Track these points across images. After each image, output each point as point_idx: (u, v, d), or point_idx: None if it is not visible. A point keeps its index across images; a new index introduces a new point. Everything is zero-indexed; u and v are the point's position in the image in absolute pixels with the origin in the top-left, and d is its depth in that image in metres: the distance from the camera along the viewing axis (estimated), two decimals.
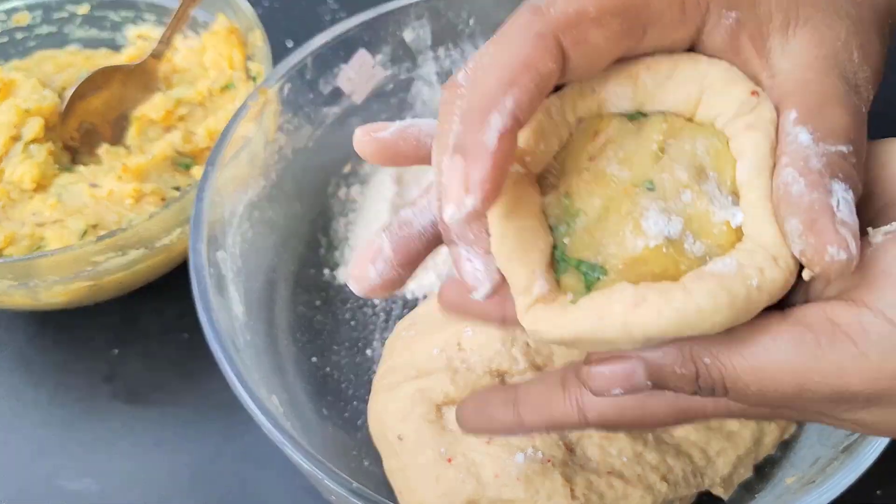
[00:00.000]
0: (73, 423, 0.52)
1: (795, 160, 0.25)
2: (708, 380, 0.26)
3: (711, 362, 0.26)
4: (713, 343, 0.26)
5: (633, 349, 0.27)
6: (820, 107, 0.27)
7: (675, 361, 0.26)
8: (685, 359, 0.26)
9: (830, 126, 0.26)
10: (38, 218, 0.53)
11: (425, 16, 0.57)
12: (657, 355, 0.27)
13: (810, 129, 0.26)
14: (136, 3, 0.65)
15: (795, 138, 0.26)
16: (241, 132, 0.49)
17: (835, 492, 0.38)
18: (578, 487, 0.40)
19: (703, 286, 0.25)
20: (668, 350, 0.27)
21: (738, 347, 0.26)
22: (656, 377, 0.27)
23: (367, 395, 0.50)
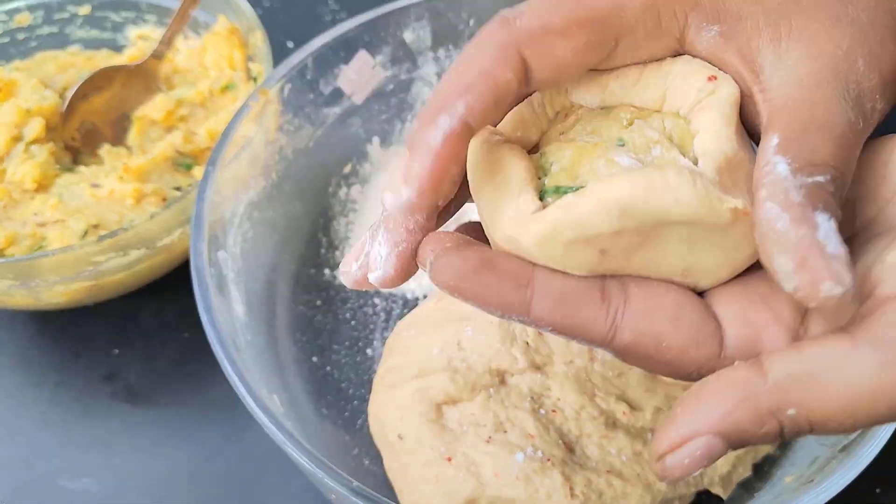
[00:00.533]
0: (73, 422, 0.52)
1: (774, 193, 0.25)
2: (794, 428, 0.25)
3: (797, 413, 0.24)
4: (790, 393, 0.24)
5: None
6: (802, 132, 0.26)
7: (755, 424, 0.25)
8: (762, 419, 0.25)
9: (810, 156, 0.26)
10: (40, 218, 0.53)
11: (425, 17, 0.57)
12: (729, 423, 0.25)
13: (789, 159, 0.25)
14: (138, 4, 0.66)
15: (773, 168, 0.25)
16: (241, 132, 0.49)
17: (833, 491, 0.38)
18: (578, 486, 0.40)
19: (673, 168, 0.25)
20: (741, 414, 0.25)
21: (820, 389, 0.24)
22: (737, 444, 0.25)
23: (367, 395, 0.50)
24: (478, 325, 0.46)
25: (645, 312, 0.27)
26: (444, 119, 0.25)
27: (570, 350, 0.45)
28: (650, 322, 0.27)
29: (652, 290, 0.28)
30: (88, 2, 0.65)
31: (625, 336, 0.27)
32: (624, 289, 0.28)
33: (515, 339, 0.45)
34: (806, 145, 0.26)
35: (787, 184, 0.25)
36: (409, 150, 0.26)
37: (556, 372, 0.44)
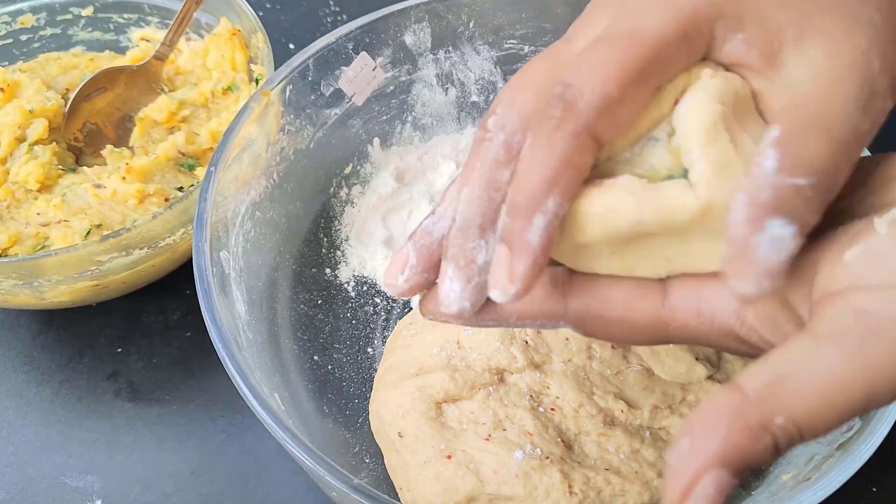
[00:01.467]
0: (76, 420, 0.52)
1: (750, 188, 0.26)
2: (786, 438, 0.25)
3: (784, 422, 0.25)
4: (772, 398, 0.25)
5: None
6: (802, 132, 0.27)
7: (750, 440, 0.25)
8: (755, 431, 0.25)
9: (800, 157, 0.26)
10: (43, 218, 0.54)
11: (425, 19, 0.57)
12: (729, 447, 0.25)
13: (780, 155, 0.26)
14: (140, 6, 0.66)
15: (763, 161, 0.26)
16: (243, 133, 0.50)
17: (830, 489, 0.38)
18: (576, 483, 0.41)
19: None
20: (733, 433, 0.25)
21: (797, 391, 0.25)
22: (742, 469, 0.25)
23: (368, 393, 0.50)
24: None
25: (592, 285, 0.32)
26: (538, 219, 0.28)
27: (569, 349, 0.45)
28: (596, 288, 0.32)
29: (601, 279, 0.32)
30: (91, 3, 0.66)
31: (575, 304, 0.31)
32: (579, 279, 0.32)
33: (514, 338, 0.46)
34: (801, 143, 0.27)
35: (763, 181, 0.26)
36: (509, 248, 0.28)
37: (555, 370, 0.45)
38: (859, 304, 0.25)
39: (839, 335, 0.25)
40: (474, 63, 0.61)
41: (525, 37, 0.59)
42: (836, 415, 0.25)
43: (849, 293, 0.26)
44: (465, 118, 0.63)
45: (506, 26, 0.59)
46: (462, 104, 0.62)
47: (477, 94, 0.62)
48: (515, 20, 0.59)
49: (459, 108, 0.62)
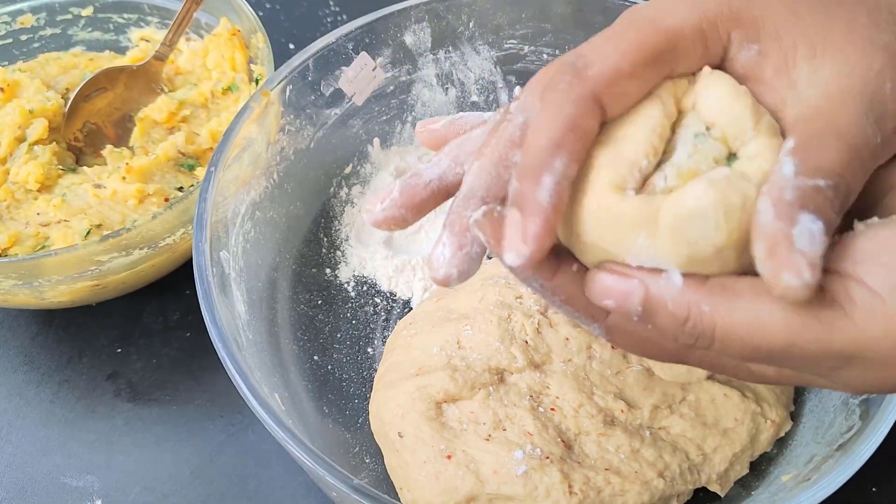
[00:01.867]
0: (75, 420, 0.52)
1: (773, 190, 0.27)
2: (698, 327, 0.28)
3: (709, 310, 0.28)
4: (713, 294, 0.28)
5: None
6: (817, 139, 0.28)
7: (672, 300, 0.28)
8: (681, 302, 0.28)
9: (817, 162, 0.27)
10: (43, 218, 0.54)
11: (425, 19, 0.57)
12: (659, 287, 0.28)
13: (798, 160, 0.27)
14: (140, 6, 0.66)
15: (781, 168, 0.27)
16: (243, 133, 0.50)
17: (830, 489, 0.38)
18: (576, 483, 0.41)
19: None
20: (671, 286, 0.28)
21: (737, 301, 0.27)
22: (648, 308, 0.28)
23: (368, 393, 0.50)
24: (477, 324, 0.46)
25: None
26: (547, 179, 0.28)
27: (569, 349, 0.45)
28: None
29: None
30: (91, 3, 0.66)
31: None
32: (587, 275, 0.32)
33: (514, 338, 0.46)
34: (817, 150, 0.28)
35: (785, 183, 0.27)
36: (520, 209, 0.28)
37: (555, 370, 0.45)
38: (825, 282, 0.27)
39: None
40: (474, 63, 0.61)
41: (525, 37, 0.59)
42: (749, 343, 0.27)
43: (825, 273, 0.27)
44: None
45: (506, 26, 0.59)
46: (462, 104, 0.62)
47: (477, 94, 0.62)
48: (515, 20, 0.59)
49: (459, 108, 0.62)
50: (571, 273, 0.31)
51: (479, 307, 0.48)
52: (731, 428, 0.44)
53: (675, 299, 0.28)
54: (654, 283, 0.28)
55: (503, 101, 0.63)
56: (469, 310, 0.48)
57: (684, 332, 0.28)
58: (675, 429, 0.44)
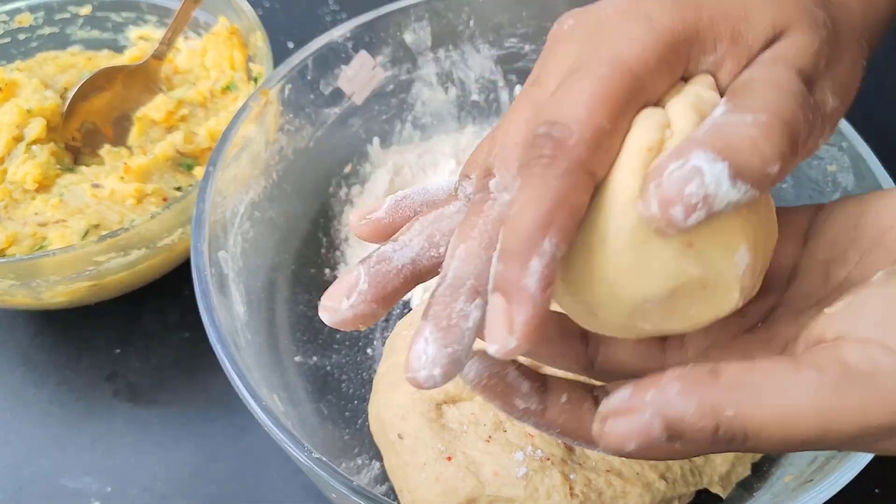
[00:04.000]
0: (73, 421, 0.52)
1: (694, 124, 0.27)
2: (729, 432, 0.26)
3: (735, 414, 0.25)
4: (732, 393, 0.26)
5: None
6: (746, 85, 0.27)
7: (695, 415, 0.26)
8: (704, 412, 0.26)
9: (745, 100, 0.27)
10: (41, 218, 0.54)
11: (425, 17, 0.57)
12: (675, 407, 0.26)
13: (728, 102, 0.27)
14: (138, 5, 0.66)
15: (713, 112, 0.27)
16: (242, 133, 0.49)
17: (832, 490, 0.38)
18: (577, 485, 0.40)
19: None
20: (688, 401, 0.26)
21: (759, 396, 0.26)
22: (674, 431, 0.26)
23: (367, 394, 0.50)
24: None
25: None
26: (535, 263, 0.25)
27: None
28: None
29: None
30: (89, 2, 0.66)
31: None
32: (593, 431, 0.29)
33: None
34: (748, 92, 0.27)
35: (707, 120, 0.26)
36: (505, 296, 0.25)
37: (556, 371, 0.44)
38: (845, 355, 0.26)
39: (819, 372, 0.25)
40: (475, 62, 0.60)
41: (525, 35, 0.59)
42: (783, 437, 0.26)
43: (838, 342, 0.26)
44: (465, 117, 0.63)
45: (506, 25, 0.59)
46: (462, 103, 0.62)
47: (477, 93, 0.62)
48: (516, 18, 0.59)
49: (459, 107, 0.62)
50: (561, 405, 0.29)
51: None
52: None
53: (697, 413, 0.25)
54: (668, 404, 0.26)
55: (504, 101, 0.62)
56: None
57: (717, 438, 0.26)
58: None
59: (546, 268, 0.25)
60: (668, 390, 0.26)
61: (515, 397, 0.29)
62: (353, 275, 0.29)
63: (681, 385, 0.26)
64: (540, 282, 0.25)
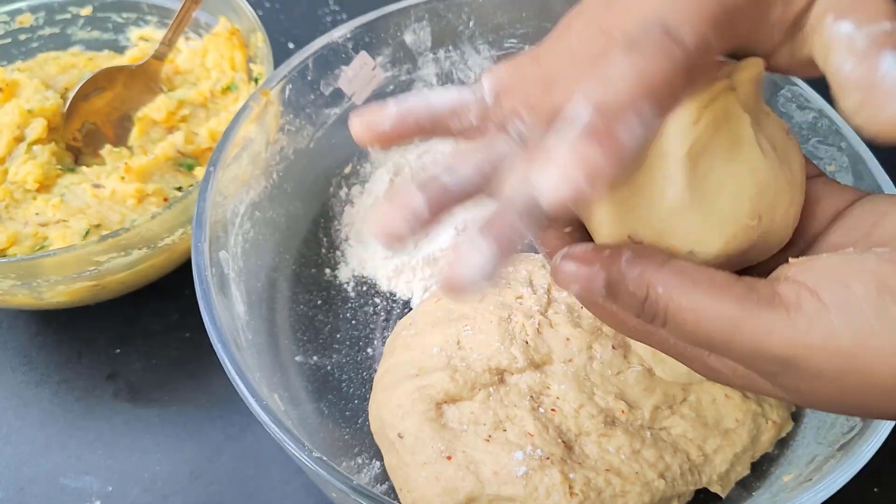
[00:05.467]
0: (74, 421, 0.52)
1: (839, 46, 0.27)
2: (654, 306, 0.29)
3: (663, 292, 0.29)
4: (670, 276, 0.29)
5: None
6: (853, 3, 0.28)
7: (632, 281, 0.29)
8: (640, 282, 0.29)
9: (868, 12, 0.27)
10: (42, 218, 0.54)
11: (425, 18, 0.57)
12: (618, 271, 0.29)
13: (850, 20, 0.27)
14: (139, 5, 0.66)
15: (837, 30, 0.27)
16: (242, 133, 0.49)
17: (831, 490, 0.38)
18: (577, 484, 0.40)
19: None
20: (631, 269, 0.29)
21: (689, 287, 0.28)
22: (611, 290, 0.29)
23: (367, 394, 0.50)
24: (477, 325, 0.46)
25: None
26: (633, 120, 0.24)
27: (569, 349, 0.45)
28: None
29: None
30: (90, 3, 0.66)
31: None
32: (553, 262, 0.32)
33: (515, 338, 0.45)
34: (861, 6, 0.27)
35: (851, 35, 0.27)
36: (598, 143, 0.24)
37: (555, 371, 0.45)
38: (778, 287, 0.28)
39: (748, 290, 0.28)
40: (474, 62, 0.60)
41: (525, 36, 0.59)
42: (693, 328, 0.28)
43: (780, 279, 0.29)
44: None
45: (506, 25, 0.59)
46: None
47: None
48: (516, 19, 0.59)
49: None
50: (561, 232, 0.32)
51: (479, 307, 0.47)
52: (732, 429, 0.44)
53: (635, 280, 0.29)
54: (615, 266, 0.29)
55: None
56: (469, 310, 0.48)
57: (644, 310, 0.29)
58: (676, 429, 0.44)
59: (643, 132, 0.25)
60: (621, 255, 0.29)
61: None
62: (407, 197, 0.30)
63: (632, 255, 0.29)
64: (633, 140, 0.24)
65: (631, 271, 0.29)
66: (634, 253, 0.29)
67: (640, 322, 0.31)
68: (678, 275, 0.29)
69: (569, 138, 0.24)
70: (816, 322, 0.27)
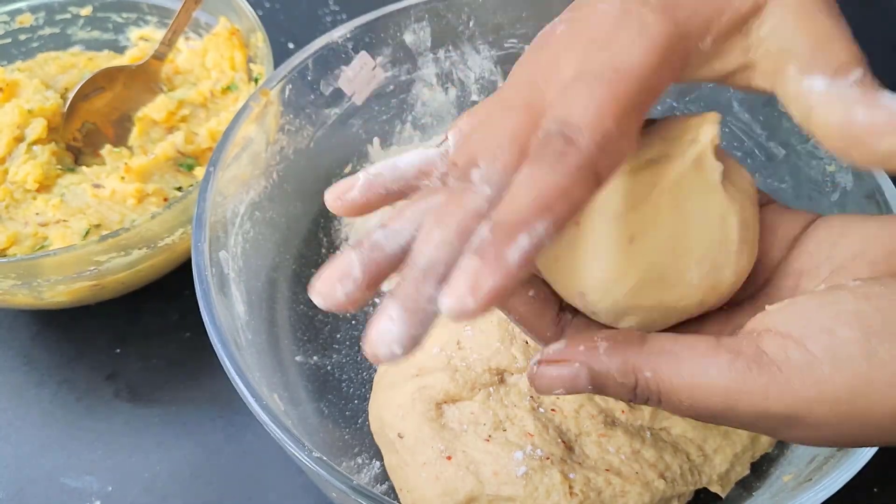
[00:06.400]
0: (74, 421, 0.52)
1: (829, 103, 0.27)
2: (645, 391, 0.29)
3: (652, 376, 0.29)
4: (654, 358, 0.29)
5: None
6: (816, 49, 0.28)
7: (618, 372, 0.29)
8: (626, 370, 0.29)
9: (831, 60, 0.27)
10: (42, 218, 0.54)
11: (425, 18, 0.57)
12: (601, 363, 0.29)
13: (819, 75, 0.27)
14: (139, 5, 0.66)
15: (811, 89, 0.27)
16: (242, 133, 0.49)
17: (831, 490, 0.38)
18: (577, 484, 0.41)
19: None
20: (612, 360, 0.29)
21: (677, 365, 0.28)
22: (597, 384, 0.29)
23: (367, 394, 0.50)
24: (477, 325, 0.46)
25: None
26: (523, 239, 0.25)
27: None
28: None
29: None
30: (90, 3, 0.66)
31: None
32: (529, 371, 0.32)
33: (515, 339, 0.45)
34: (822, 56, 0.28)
35: (829, 91, 0.27)
36: (482, 260, 0.25)
37: None
38: (763, 344, 0.28)
39: (734, 355, 0.28)
40: (474, 62, 0.60)
41: (525, 36, 0.59)
42: (691, 405, 0.28)
43: (762, 333, 0.29)
44: None
45: (506, 25, 0.59)
46: (462, 104, 0.62)
47: (477, 94, 0.62)
48: (516, 19, 0.59)
49: (459, 108, 0.62)
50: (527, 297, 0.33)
51: None
52: (731, 429, 0.44)
53: (620, 370, 0.29)
54: (595, 359, 0.29)
55: None
56: None
57: (636, 395, 0.29)
58: (676, 429, 0.44)
59: (532, 247, 0.25)
60: (598, 347, 0.29)
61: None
62: (345, 260, 0.29)
63: (609, 345, 0.29)
64: (521, 258, 0.25)
65: (612, 362, 0.29)
66: (608, 339, 0.29)
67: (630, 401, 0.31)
68: (661, 354, 0.29)
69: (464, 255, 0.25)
70: (809, 375, 0.27)
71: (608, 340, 0.29)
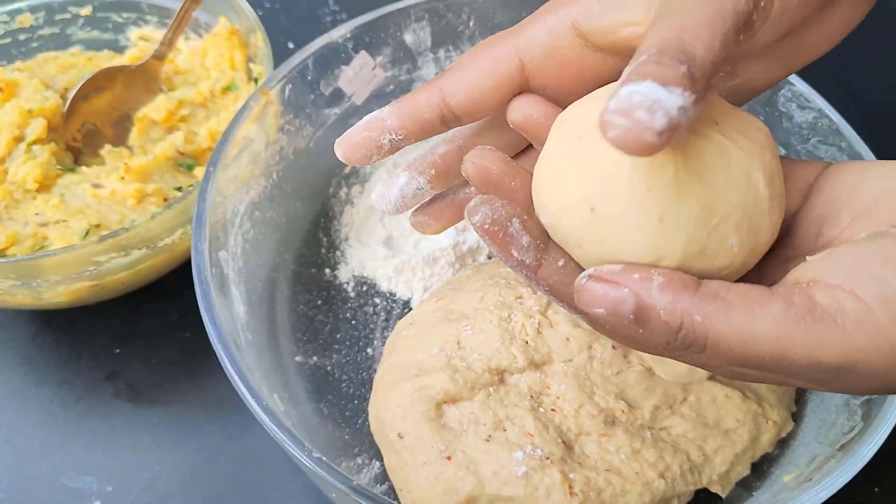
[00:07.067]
0: (74, 421, 0.52)
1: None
2: (689, 336, 0.28)
3: (702, 321, 0.28)
4: (707, 302, 0.28)
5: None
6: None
7: (664, 310, 0.28)
8: (675, 310, 0.28)
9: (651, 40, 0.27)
10: (41, 218, 0.54)
11: (425, 17, 0.57)
12: (651, 296, 0.28)
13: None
14: (139, 5, 0.66)
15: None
16: (242, 133, 0.49)
17: (832, 490, 0.38)
18: (577, 484, 0.40)
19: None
20: (664, 296, 0.28)
21: (729, 312, 0.28)
22: (641, 316, 0.28)
23: (367, 394, 0.50)
24: (477, 325, 0.46)
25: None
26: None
27: (570, 349, 0.45)
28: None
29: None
30: (90, 2, 0.66)
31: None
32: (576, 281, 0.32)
33: (515, 338, 0.45)
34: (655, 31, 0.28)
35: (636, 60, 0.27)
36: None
37: (556, 370, 0.45)
38: (814, 294, 0.28)
39: (787, 304, 0.28)
40: None
41: None
42: (741, 353, 0.28)
43: (812, 284, 0.28)
44: None
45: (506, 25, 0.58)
46: None
47: None
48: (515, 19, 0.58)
49: None
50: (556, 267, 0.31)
51: (479, 307, 0.47)
52: (732, 429, 0.44)
53: (668, 308, 0.28)
54: (646, 291, 0.28)
55: None
56: (469, 310, 0.48)
57: (676, 339, 0.28)
58: (676, 429, 0.44)
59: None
60: (653, 280, 0.28)
61: (513, 247, 0.31)
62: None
63: (664, 281, 0.28)
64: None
65: (664, 298, 0.28)
66: (664, 276, 0.28)
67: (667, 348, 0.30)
68: (715, 300, 0.28)
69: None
70: (864, 323, 0.27)
71: (664, 277, 0.28)
